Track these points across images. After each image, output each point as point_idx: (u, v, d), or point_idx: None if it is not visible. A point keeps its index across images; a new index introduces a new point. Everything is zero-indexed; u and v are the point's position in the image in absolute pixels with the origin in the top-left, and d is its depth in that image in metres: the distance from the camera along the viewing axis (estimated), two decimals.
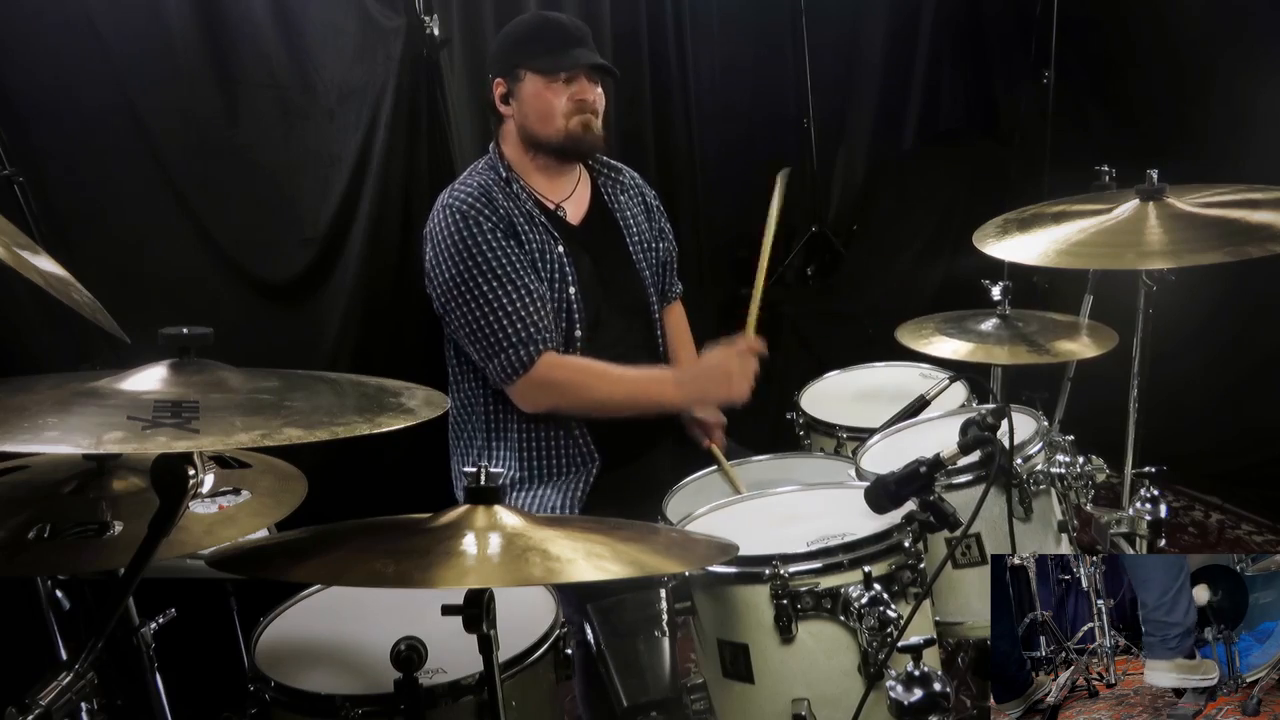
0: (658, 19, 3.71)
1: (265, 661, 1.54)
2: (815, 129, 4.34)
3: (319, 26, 2.76)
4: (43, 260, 1.28)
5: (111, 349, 1.39)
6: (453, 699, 1.43)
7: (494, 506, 1.28)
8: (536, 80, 2.15)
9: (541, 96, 2.16)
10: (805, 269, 4.39)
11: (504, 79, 2.19)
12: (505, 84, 2.20)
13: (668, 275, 2.47)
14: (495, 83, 2.21)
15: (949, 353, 2.19)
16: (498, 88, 2.20)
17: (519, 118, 2.20)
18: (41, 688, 1.12)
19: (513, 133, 2.23)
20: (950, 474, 1.64)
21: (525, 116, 2.19)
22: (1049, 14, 3.68)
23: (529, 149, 2.22)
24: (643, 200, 2.41)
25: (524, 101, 2.18)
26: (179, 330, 1.20)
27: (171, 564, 1.53)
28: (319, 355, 2.84)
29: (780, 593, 1.46)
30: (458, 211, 2.11)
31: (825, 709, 1.46)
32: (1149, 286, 1.91)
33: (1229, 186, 1.85)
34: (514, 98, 2.19)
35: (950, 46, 4.39)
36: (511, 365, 2.09)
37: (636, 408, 2.17)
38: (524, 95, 2.17)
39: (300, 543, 1.32)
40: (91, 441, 1.02)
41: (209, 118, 2.64)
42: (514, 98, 2.19)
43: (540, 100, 2.16)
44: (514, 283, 2.09)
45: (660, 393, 2.19)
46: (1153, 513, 1.86)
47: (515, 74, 2.17)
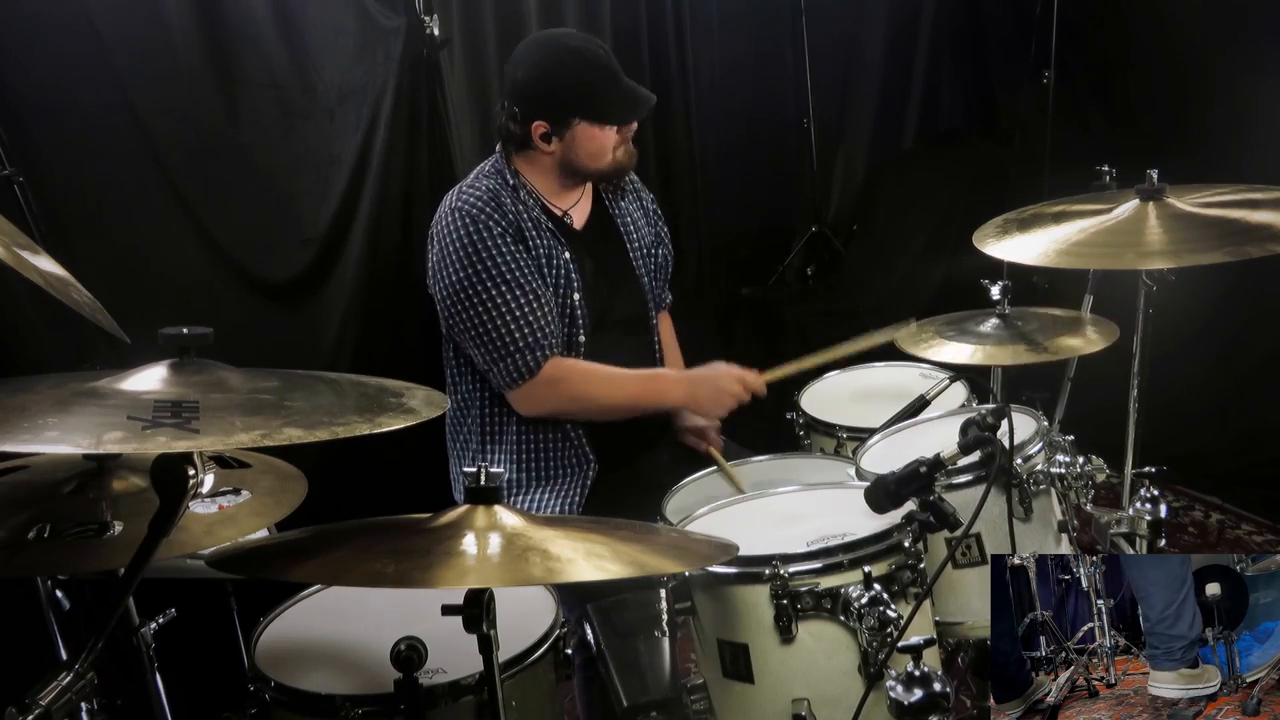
0: (658, 18, 3.71)
1: (265, 661, 1.55)
2: (815, 129, 4.34)
3: (319, 26, 2.76)
4: (43, 260, 1.28)
5: (111, 349, 1.39)
6: (453, 699, 1.43)
7: (494, 506, 1.28)
8: (591, 127, 2.13)
9: (596, 139, 2.14)
10: (805, 269, 4.39)
11: (549, 123, 2.13)
12: (549, 126, 2.13)
13: (661, 283, 2.47)
14: (535, 125, 2.12)
15: (951, 357, 2.19)
16: (538, 129, 2.13)
17: (563, 154, 2.16)
18: (41, 688, 1.12)
19: (545, 162, 2.18)
20: (950, 474, 1.64)
21: (574, 155, 2.16)
22: (1049, 14, 3.68)
23: (565, 175, 2.20)
24: (640, 204, 2.41)
25: (574, 144, 2.14)
26: (179, 330, 1.20)
27: (171, 564, 1.53)
28: (319, 355, 2.84)
29: (780, 593, 1.46)
30: (466, 215, 2.10)
31: (825, 709, 1.47)
32: (1149, 286, 1.91)
33: (1229, 186, 1.84)
34: (559, 139, 2.14)
35: (950, 46, 4.39)
36: (517, 369, 2.09)
37: (639, 409, 2.18)
38: (575, 139, 2.14)
39: (300, 543, 1.32)
40: (91, 441, 1.02)
41: (209, 118, 2.64)
42: (559, 139, 2.14)
43: (596, 143, 2.15)
44: (521, 288, 2.08)
45: (663, 392, 2.21)
46: (1153, 513, 1.86)
47: (567, 121, 2.12)
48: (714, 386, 2.18)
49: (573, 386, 2.14)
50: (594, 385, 2.16)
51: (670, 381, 2.26)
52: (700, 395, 2.19)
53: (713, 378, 2.19)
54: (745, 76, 4.18)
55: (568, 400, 2.14)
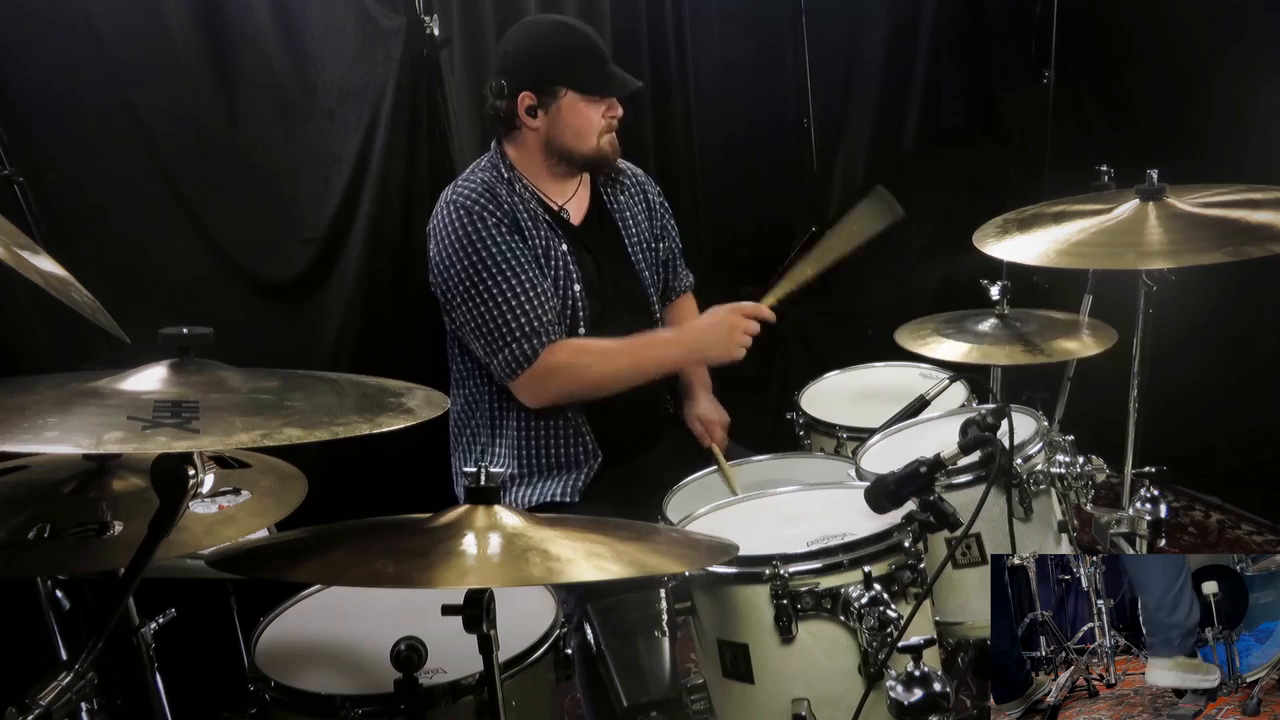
0: (658, 18, 3.70)
1: (265, 661, 1.55)
2: (815, 129, 4.33)
3: (319, 26, 2.76)
4: (43, 260, 1.28)
5: (111, 349, 1.39)
6: (453, 699, 1.43)
7: (494, 506, 1.28)
8: (578, 99, 2.14)
9: (582, 114, 2.15)
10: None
11: (535, 93, 2.14)
12: (535, 98, 2.14)
13: (671, 272, 2.47)
14: (522, 96, 2.14)
15: (948, 354, 2.19)
16: (524, 100, 2.14)
17: (548, 130, 2.17)
18: (41, 688, 1.12)
19: (531, 142, 2.19)
20: (950, 474, 1.64)
21: (559, 131, 2.16)
22: (1049, 14, 3.68)
23: (551, 158, 2.20)
24: (644, 198, 2.41)
25: (560, 117, 2.15)
26: (179, 330, 1.20)
27: (171, 564, 1.53)
28: (319, 355, 2.83)
29: (780, 593, 1.46)
30: (461, 207, 2.11)
31: (825, 709, 1.47)
32: (1149, 286, 1.91)
33: (1229, 186, 1.84)
34: (545, 111, 2.15)
35: (950, 46, 4.39)
36: (516, 359, 2.09)
37: (642, 375, 2.16)
38: (561, 111, 2.15)
39: (300, 543, 1.32)
40: (91, 441, 1.02)
41: (209, 118, 2.63)
42: (545, 111, 2.15)
43: (580, 118, 2.15)
44: (518, 277, 2.09)
45: (661, 352, 2.19)
46: (1153, 513, 1.86)
47: (553, 90, 2.13)
48: (717, 331, 2.11)
49: (574, 367, 2.12)
50: (595, 360, 2.14)
51: (663, 341, 2.22)
52: (705, 344, 2.14)
53: (712, 323, 2.13)
54: (745, 76, 4.17)
55: (572, 381, 2.13)
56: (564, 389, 2.14)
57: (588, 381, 2.14)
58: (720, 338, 2.11)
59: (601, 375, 2.14)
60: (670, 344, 2.22)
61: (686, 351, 2.20)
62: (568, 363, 2.12)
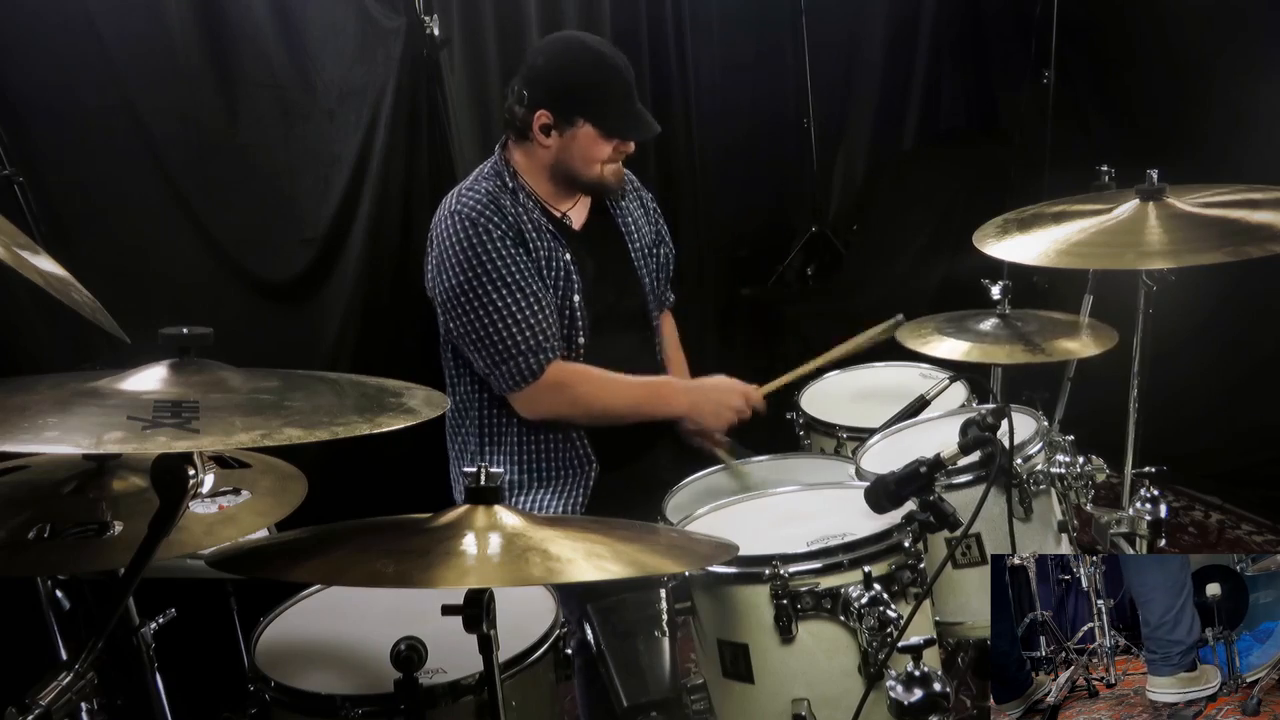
0: (658, 19, 3.70)
1: (265, 661, 1.54)
2: (815, 129, 4.34)
3: (319, 26, 2.76)
4: (43, 260, 1.28)
5: (111, 349, 1.39)
6: (453, 699, 1.43)
7: (494, 506, 1.28)
8: (595, 133, 2.13)
9: (594, 147, 2.14)
10: (805, 269, 4.40)
11: (554, 115, 2.12)
12: (553, 119, 2.12)
13: (663, 282, 2.47)
14: (540, 112, 2.12)
15: (948, 353, 2.19)
16: (541, 117, 2.12)
17: (558, 151, 2.15)
18: (41, 688, 1.12)
19: (539, 155, 2.18)
20: (950, 474, 1.64)
21: (568, 156, 2.15)
22: (1049, 14, 3.68)
23: (554, 177, 2.20)
24: (641, 203, 2.41)
25: (572, 144, 2.14)
26: (179, 330, 1.20)
27: (171, 564, 1.53)
28: (319, 355, 2.84)
29: (780, 593, 1.46)
30: (466, 219, 2.10)
31: (825, 709, 1.47)
32: (1149, 286, 1.91)
33: (1229, 186, 1.84)
34: (559, 134, 2.13)
35: (950, 46, 4.39)
36: (520, 373, 2.09)
37: (640, 415, 2.19)
38: (576, 140, 2.13)
39: (300, 543, 1.32)
40: (91, 441, 1.02)
41: (209, 118, 2.63)
42: (559, 134, 2.13)
43: (591, 150, 2.14)
44: (523, 290, 2.08)
45: (667, 401, 2.21)
46: (1153, 513, 1.86)
47: (572, 119, 2.11)
48: (717, 399, 2.19)
49: (576, 391, 2.14)
50: (597, 390, 2.16)
51: (674, 391, 2.25)
52: (703, 406, 2.20)
53: (716, 391, 2.21)
54: (745, 76, 4.18)
55: (569, 404, 2.14)
56: (562, 410, 2.15)
57: (588, 408, 2.16)
58: (721, 408, 2.18)
59: (604, 409, 2.16)
60: (680, 396, 2.23)
61: (688, 408, 2.22)
62: (574, 388, 2.14)
